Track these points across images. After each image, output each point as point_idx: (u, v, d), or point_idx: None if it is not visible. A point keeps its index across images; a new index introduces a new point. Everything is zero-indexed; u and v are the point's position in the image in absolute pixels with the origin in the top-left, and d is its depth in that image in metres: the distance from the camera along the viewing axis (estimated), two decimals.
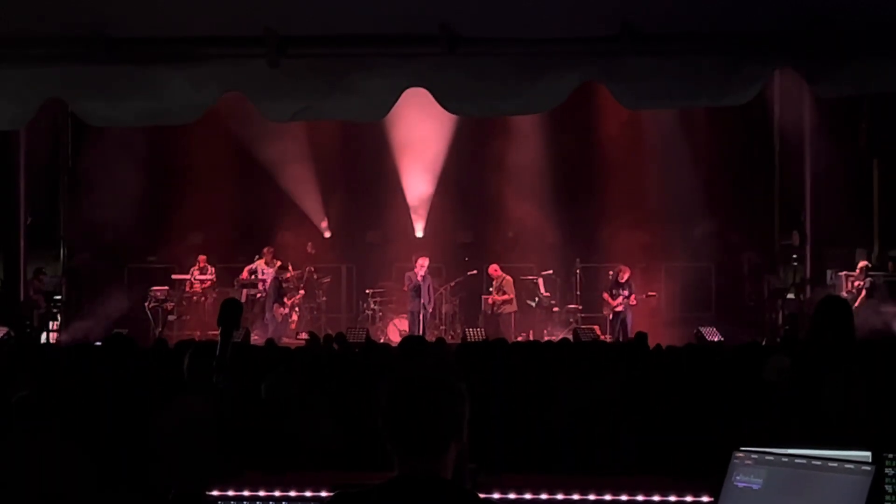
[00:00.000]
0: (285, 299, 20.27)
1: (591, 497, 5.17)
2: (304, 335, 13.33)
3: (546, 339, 18.56)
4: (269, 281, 20.67)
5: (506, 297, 20.61)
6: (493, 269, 20.89)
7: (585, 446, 7.40)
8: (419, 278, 19.91)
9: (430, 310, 20.22)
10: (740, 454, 3.97)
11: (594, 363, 9.13)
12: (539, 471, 6.69)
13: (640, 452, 7.56)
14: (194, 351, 6.99)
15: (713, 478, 4.10)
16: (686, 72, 10.53)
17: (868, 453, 4.01)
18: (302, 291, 21.16)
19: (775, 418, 6.65)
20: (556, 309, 21.33)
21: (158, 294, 20.85)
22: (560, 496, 5.17)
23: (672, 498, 5.19)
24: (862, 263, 19.67)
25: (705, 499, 5.09)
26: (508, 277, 20.82)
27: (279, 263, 20.69)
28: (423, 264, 20.08)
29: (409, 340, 10.32)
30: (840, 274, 20.16)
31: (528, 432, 8.08)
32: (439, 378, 3.42)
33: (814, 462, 3.78)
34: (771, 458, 3.88)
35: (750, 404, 7.60)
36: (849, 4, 9.71)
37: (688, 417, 8.13)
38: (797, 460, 3.82)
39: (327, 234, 23.09)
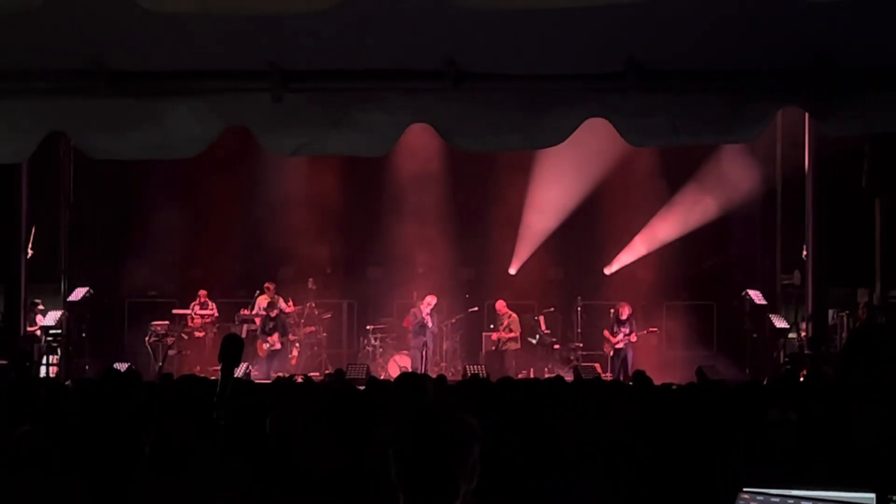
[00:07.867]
0: (276, 335, 20.13)
1: None
2: (299, 379, 13.19)
3: (547, 376, 18.49)
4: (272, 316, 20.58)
5: (512, 334, 20.65)
6: (500, 305, 20.94)
7: (588, 486, 7.33)
8: (424, 315, 19.86)
9: (432, 347, 20.16)
10: (745, 495, 3.92)
11: (595, 402, 9.07)
12: None
13: (643, 492, 7.50)
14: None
15: None
16: (691, 109, 10.53)
17: (872, 495, 3.96)
18: (311, 328, 21.13)
19: (780, 458, 6.58)
20: (556, 346, 21.30)
21: (159, 329, 20.76)
22: None
23: None
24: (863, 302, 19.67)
25: None
26: (515, 315, 20.84)
27: (269, 300, 20.59)
28: (430, 302, 20.07)
29: (404, 378, 10.14)
30: (842, 314, 20.17)
31: (530, 472, 8.02)
32: (453, 420, 3.31)
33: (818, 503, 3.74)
34: (776, 499, 3.83)
35: (753, 444, 7.53)
36: (855, 44, 9.73)
37: (691, 456, 8.06)
38: (803, 502, 3.77)
39: (328, 270, 23.02)
